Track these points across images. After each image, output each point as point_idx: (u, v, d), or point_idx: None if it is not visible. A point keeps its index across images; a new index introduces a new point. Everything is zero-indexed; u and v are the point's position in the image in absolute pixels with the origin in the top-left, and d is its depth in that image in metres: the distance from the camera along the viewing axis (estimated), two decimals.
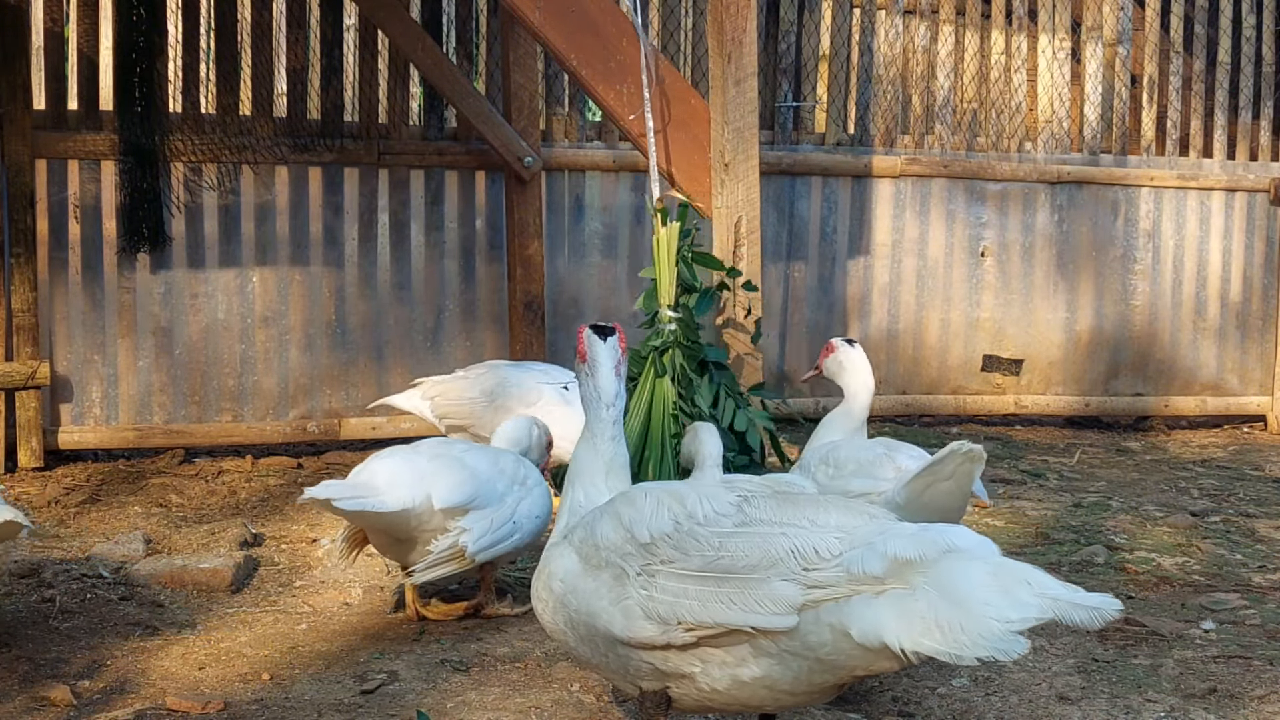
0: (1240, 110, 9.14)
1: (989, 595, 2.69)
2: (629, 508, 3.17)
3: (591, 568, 3.15)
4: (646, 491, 3.21)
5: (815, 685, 3.01)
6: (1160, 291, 9.00)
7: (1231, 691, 4.15)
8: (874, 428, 8.35)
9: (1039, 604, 2.67)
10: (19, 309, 6.83)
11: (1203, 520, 6.39)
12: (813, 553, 2.89)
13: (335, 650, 4.45)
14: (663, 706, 3.14)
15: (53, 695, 3.92)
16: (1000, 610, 2.67)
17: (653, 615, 3.01)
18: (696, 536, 3.02)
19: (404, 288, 7.62)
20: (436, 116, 7.75)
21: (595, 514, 3.26)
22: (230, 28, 7.30)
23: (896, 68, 8.60)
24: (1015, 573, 2.73)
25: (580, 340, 3.51)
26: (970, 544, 2.82)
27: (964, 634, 2.68)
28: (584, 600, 3.13)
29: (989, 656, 2.66)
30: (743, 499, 3.09)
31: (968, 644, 2.67)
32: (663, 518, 3.08)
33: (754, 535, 2.97)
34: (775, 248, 8.30)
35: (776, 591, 2.88)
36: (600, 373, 3.46)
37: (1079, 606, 2.66)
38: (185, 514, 6.10)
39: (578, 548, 3.21)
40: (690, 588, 2.97)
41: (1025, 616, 2.66)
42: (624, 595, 3.05)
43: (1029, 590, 2.69)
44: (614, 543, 3.12)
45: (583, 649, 3.21)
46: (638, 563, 3.06)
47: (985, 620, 2.67)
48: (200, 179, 7.22)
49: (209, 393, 7.30)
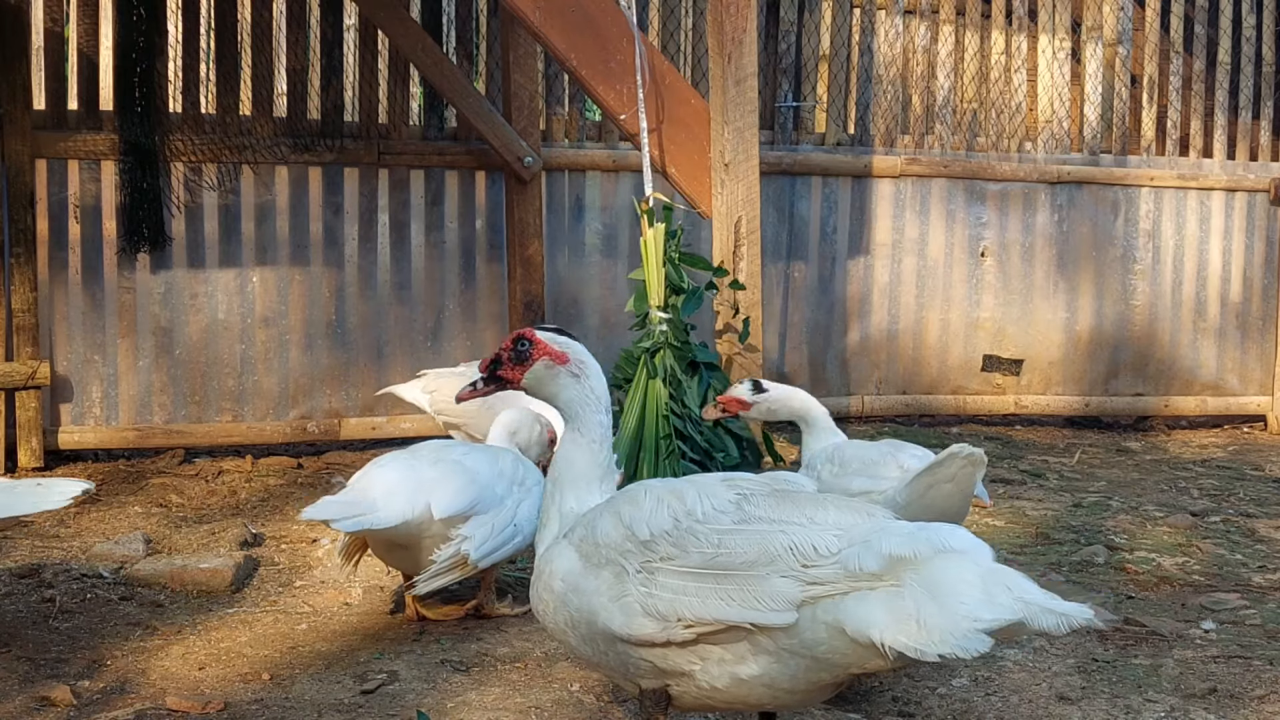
0: (1240, 110, 9.14)
1: (967, 593, 2.74)
2: (630, 505, 3.16)
3: (592, 566, 3.13)
4: (647, 489, 3.20)
5: (814, 683, 3.02)
6: (1160, 291, 9.00)
7: (1231, 691, 4.15)
8: (874, 427, 8.37)
9: (1011, 606, 2.72)
10: (19, 309, 6.83)
11: (1203, 520, 6.39)
12: (811, 550, 2.90)
13: (335, 650, 4.45)
14: (662, 705, 3.15)
15: (53, 695, 3.92)
16: (973, 609, 2.72)
17: (652, 612, 3.00)
18: (695, 534, 3.01)
19: (404, 288, 7.62)
20: (436, 116, 7.75)
21: (596, 512, 3.25)
22: (230, 28, 7.31)
23: (896, 68, 8.60)
24: (1000, 577, 2.78)
25: (540, 345, 3.35)
26: (965, 545, 2.86)
27: (934, 630, 2.73)
28: (585, 599, 3.12)
29: (950, 654, 2.70)
30: (742, 496, 3.10)
31: (934, 641, 2.72)
32: (662, 515, 3.08)
33: (753, 533, 2.98)
34: (775, 248, 8.30)
35: (776, 588, 2.89)
36: (594, 374, 3.38)
37: (1049, 612, 2.72)
38: (185, 514, 6.10)
39: (578, 546, 3.20)
40: (690, 584, 2.97)
41: (997, 617, 2.71)
42: (624, 593, 3.05)
43: (1007, 594, 2.74)
44: (614, 540, 3.11)
45: (584, 648, 3.20)
46: (637, 560, 3.05)
47: (956, 618, 2.72)
48: (200, 179, 7.22)
49: (209, 393, 7.30)
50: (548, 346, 3.36)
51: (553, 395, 3.38)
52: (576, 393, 3.36)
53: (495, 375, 3.40)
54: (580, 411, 3.37)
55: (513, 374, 3.38)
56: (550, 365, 3.35)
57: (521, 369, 3.37)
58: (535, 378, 3.37)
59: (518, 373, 3.37)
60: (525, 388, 3.40)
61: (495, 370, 3.40)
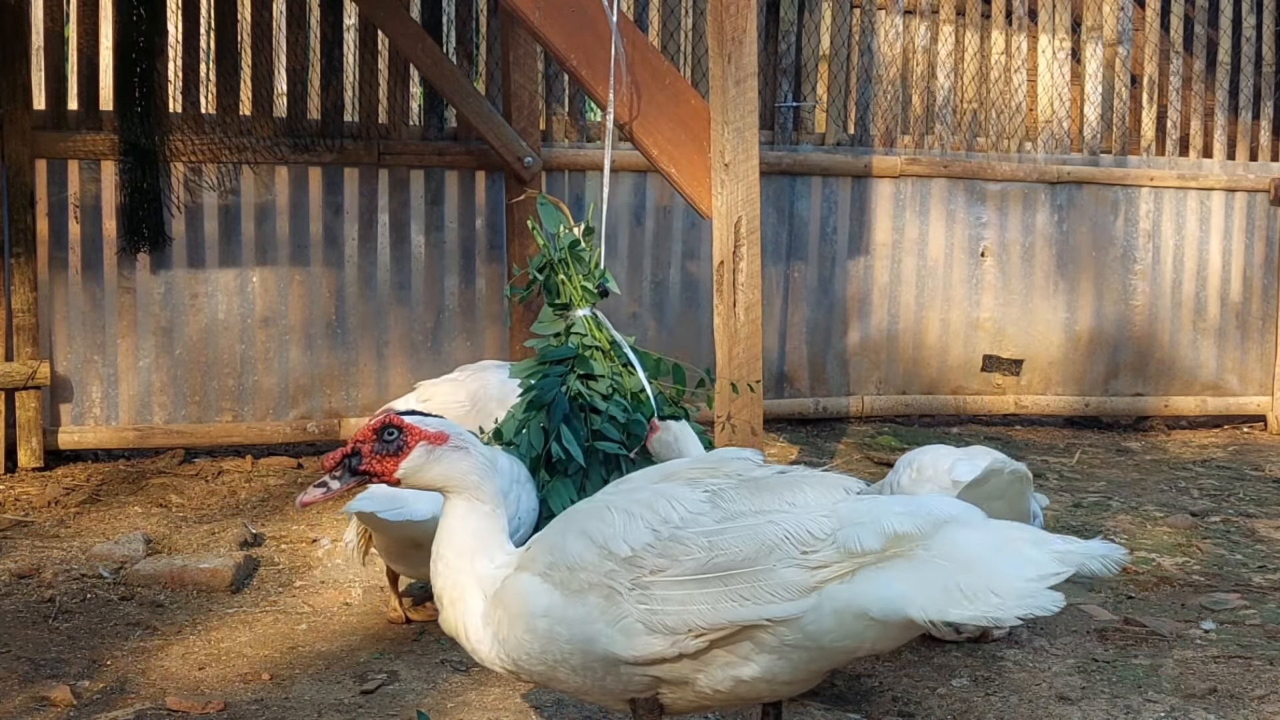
0: (1240, 110, 9.14)
1: (1007, 558, 2.76)
2: (596, 522, 3.02)
3: (573, 594, 2.98)
4: (607, 505, 3.06)
5: (813, 673, 3.01)
6: (1160, 291, 9.00)
7: (1231, 691, 4.16)
8: (873, 427, 8.37)
9: (1059, 557, 2.75)
10: (19, 309, 6.83)
11: (1203, 520, 6.40)
12: (807, 535, 2.87)
13: (335, 650, 4.45)
14: (656, 713, 3.10)
15: (53, 695, 3.93)
16: (1023, 569, 2.74)
17: (658, 628, 2.90)
18: (681, 540, 2.92)
19: (404, 288, 7.62)
20: (436, 116, 7.75)
21: (555, 537, 3.09)
22: (230, 28, 7.31)
23: (896, 68, 8.60)
24: (1015, 533, 2.84)
25: (412, 429, 3.06)
26: (957, 511, 2.90)
27: (995, 597, 2.72)
28: (576, 628, 2.97)
29: (1028, 614, 2.71)
30: (712, 494, 3.01)
31: (1004, 606, 2.72)
32: (638, 528, 2.96)
33: (742, 528, 2.91)
34: (775, 248, 8.30)
35: (785, 578, 2.84)
36: (475, 441, 3.17)
37: (1091, 556, 2.76)
38: (185, 514, 6.10)
39: (546, 577, 3.02)
40: (695, 592, 2.88)
41: (1056, 571, 2.73)
42: (621, 615, 2.93)
43: (1043, 550, 2.78)
44: (590, 562, 2.97)
45: (576, 680, 3.05)
46: (626, 578, 2.93)
47: (1012, 581, 2.73)
48: (200, 179, 7.22)
49: (209, 393, 7.30)
50: (422, 430, 3.09)
51: (442, 478, 3.11)
52: (469, 464, 3.12)
53: (355, 470, 3.08)
54: (478, 480, 3.14)
55: (383, 467, 3.07)
56: (430, 449, 3.09)
57: (395, 460, 3.07)
58: (414, 466, 3.08)
59: (390, 465, 3.07)
60: (400, 480, 3.10)
61: (355, 465, 3.07)
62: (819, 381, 8.45)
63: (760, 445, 5.94)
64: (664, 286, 8.07)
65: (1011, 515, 4.07)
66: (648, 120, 5.57)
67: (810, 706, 4.00)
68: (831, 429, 8.25)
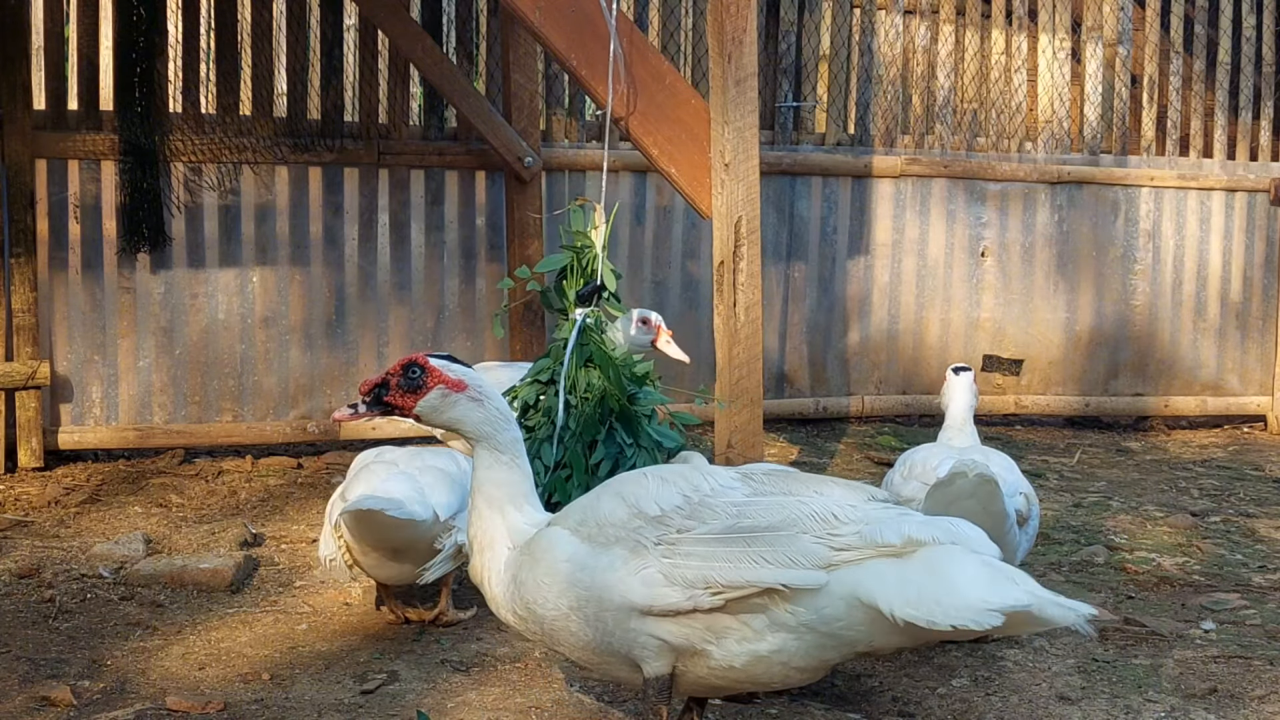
0: (1240, 110, 9.14)
1: (976, 576, 2.88)
2: (632, 486, 3.19)
3: (600, 545, 3.12)
4: (645, 473, 3.26)
5: (823, 662, 3.10)
6: (1160, 291, 9.00)
7: (1231, 691, 4.16)
8: (873, 427, 8.37)
9: (1016, 593, 2.85)
10: (19, 309, 6.83)
11: (1203, 520, 6.40)
12: (833, 517, 3.00)
13: (335, 650, 4.45)
14: (665, 693, 3.13)
15: (53, 695, 3.92)
16: (982, 593, 2.85)
17: (677, 580, 3.01)
18: (710, 505, 3.07)
19: (404, 288, 7.62)
20: (436, 116, 7.74)
21: (590, 499, 3.26)
22: (230, 28, 7.30)
23: (896, 68, 8.60)
24: (1006, 570, 2.93)
25: (434, 372, 3.22)
26: (974, 536, 3.01)
27: (940, 605, 2.85)
28: (597, 575, 3.10)
29: (963, 626, 2.83)
30: (744, 474, 3.18)
31: (947, 615, 2.84)
32: (670, 492, 3.12)
33: (771, 503, 3.06)
34: (775, 248, 8.30)
35: (807, 547, 2.96)
36: (495, 395, 3.29)
37: (1056, 604, 2.87)
38: (185, 514, 6.10)
39: (576, 530, 3.18)
40: (718, 550, 3.00)
41: (1005, 602, 2.84)
42: (643, 565, 3.05)
43: (1014, 585, 2.88)
44: (620, 518, 3.12)
45: (587, 631, 3.14)
46: (653, 534, 3.07)
47: (968, 597, 2.85)
48: (200, 179, 7.22)
49: (209, 393, 7.30)
50: (442, 374, 3.24)
51: (455, 422, 3.26)
52: (482, 415, 3.26)
53: (380, 400, 3.25)
54: (492, 431, 3.27)
55: (404, 401, 3.24)
56: (446, 394, 3.23)
57: (414, 397, 3.23)
58: (430, 406, 3.24)
59: (410, 400, 3.23)
60: (419, 416, 3.26)
61: (381, 395, 3.24)
62: (819, 381, 8.45)
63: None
64: (664, 286, 8.07)
65: (985, 517, 4.10)
66: (648, 120, 5.57)
67: (810, 706, 4.00)
68: (832, 429, 8.25)
